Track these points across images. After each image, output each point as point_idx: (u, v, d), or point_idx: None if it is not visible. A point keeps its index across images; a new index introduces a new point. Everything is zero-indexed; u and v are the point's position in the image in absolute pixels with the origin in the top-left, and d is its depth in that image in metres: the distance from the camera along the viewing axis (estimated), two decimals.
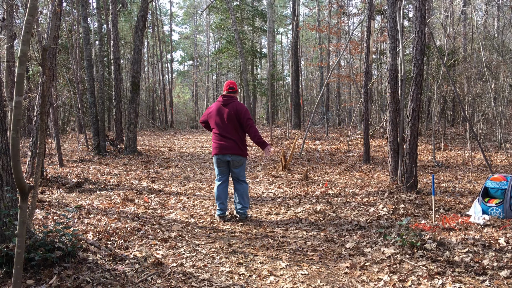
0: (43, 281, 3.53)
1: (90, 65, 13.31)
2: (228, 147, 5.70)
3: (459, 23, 18.47)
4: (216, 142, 5.80)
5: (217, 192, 5.90)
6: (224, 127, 5.74)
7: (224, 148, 5.71)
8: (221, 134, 5.74)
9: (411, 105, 6.57)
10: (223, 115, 5.75)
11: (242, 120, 5.73)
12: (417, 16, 6.37)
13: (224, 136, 5.72)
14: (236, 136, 5.73)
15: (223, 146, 5.71)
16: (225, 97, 5.86)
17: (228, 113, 5.73)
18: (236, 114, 5.73)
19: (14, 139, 2.76)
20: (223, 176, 5.93)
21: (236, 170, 5.84)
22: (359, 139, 14.84)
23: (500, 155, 11.25)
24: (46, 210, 5.94)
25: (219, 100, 5.87)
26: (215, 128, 5.81)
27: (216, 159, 5.84)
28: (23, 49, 2.82)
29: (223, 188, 5.92)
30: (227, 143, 5.70)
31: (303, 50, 33.77)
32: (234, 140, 5.72)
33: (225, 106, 5.78)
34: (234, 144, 5.71)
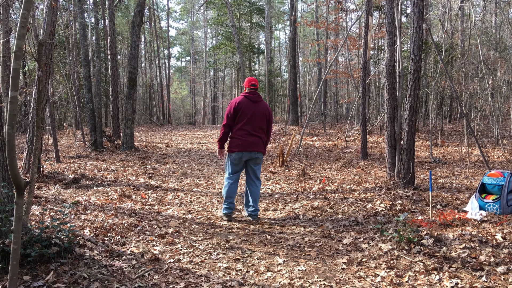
0: (39, 277, 3.51)
1: (87, 61, 13.26)
2: (256, 143, 5.58)
3: (457, 19, 18.46)
4: (242, 138, 5.55)
5: (228, 192, 5.67)
6: (255, 124, 5.59)
7: (252, 145, 5.55)
8: (250, 130, 5.57)
9: (409, 101, 6.57)
10: (256, 112, 5.59)
11: (270, 120, 5.76)
12: (415, 12, 6.36)
13: (253, 133, 5.57)
14: (262, 134, 5.69)
15: (251, 143, 5.56)
16: (254, 94, 5.66)
17: (261, 111, 5.62)
18: (267, 113, 5.71)
19: (9, 135, 2.75)
20: (237, 175, 5.75)
21: (256, 167, 5.72)
22: (357, 135, 14.85)
23: (497, 151, 11.28)
24: (43, 206, 5.92)
25: (248, 96, 5.62)
26: (244, 124, 5.57)
27: (237, 157, 5.60)
28: (19, 44, 2.80)
29: (235, 186, 5.74)
30: (255, 140, 5.58)
31: (301, 46, 33.72)
32: (260, 137, 5.66)
33: (256, 103, 5.62)
34: (260, 142, 5.65)
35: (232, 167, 5.68)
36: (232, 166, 5.68)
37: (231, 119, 5.62)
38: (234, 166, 5.67)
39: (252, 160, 5.66)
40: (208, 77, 43.00)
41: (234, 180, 5.72)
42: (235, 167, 5.68)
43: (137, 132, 18.95)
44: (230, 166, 5.69)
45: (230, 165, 5.70)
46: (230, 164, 5.69)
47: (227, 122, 5.64)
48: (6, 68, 7.48)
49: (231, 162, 5.67)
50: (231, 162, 5.68)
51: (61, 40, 18.15)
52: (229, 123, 5.64)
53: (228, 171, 5.74)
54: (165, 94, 30.69)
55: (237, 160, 5.61)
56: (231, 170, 5.70)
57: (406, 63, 12.10)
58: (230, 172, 5.71)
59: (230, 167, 5.70)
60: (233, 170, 5.69)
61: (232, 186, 5.70)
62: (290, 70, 19.66)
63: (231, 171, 5.71)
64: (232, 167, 5.69)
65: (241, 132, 5.57)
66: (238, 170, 5.72)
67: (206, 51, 39.28)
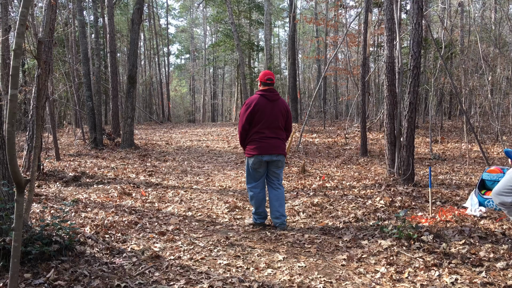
0: (40, 274, 3.52)
1: (86, 59, 13.25)
2: (278, 146, 5.11)
3: (456, 16, 18.44)
4: (262, 141, 5.05)
5: (257, 202, 5.20)
6: (275, 125, 5.11)
7: (274, 147, 5.07)
8: (269, 132, 5.08)
9: (408, 98, 6.58)
10: (275, 112, 5.09)
11: (289, 118, 5.29)
12: (414, 9, 6.36)
13: (273, 134, 5.11)
14: (282, 134, 5.23)
15: (273, 145, 5.07)
16: (271, 92, 5.14)
17: (279, 110, 5.13)
18: (286, 112, 5.22)
19: (9, 133, 2.75)
20: (262, 182, 5.25)
21: (278, 171, 5.23)
22: (357, 132, 14.85)
23: (496, 147, 11.29)
24: (43, 204, 5.93)
25: (265, 95, 5.10)
26: (263, 125, 5.07)
27: (258, 161, 5.08)
28: (18, 42, 2.80)
29: (263, 194, 5.26)
30: (276, 142, 5.11)
31: (300, 43, 33.68)
32: (281, 139, 5.20)
33: (274, 102, 5.11)
34: (281, 143, 5.19)
35: (254, 173, 5.16)
36: (254, 173, 5.16)
37: (247, 122, 5.09)
38: (255, 171, 5.15)
39: (273, 164, 5.16)
40: (208, 74, 42.97)
41: (260, 188, 5.22)
42: (257, 173, 5.16)
43: (137, 130, 18.95)
44: (252, 173, 5.16)
45: (251, 171, 5.16)
46: (251, 170, 5.16)
47: (243, 125, 5.12)
48: (6, 66, 7.47)
49: (252, 168, 5.14)
50: (252, 168, 5.14)
51: (60, 38, 18.13)
52: (245, 126, 5.12)
53: (251, 179, 5.20)
54: (164, 92, 30.68)
55: (257, 164, 5.09)
56: (253, 176, 5.18)
57: (406, 60, 12.09)
58: (253, 179, 5.19)
59: (252, 174, 5.17)
60: (256, 176, 5.18)
61: (260, 195, 5.20)
62: (290, 68, 19.65)
63: (254, 178, 5.19)
64: (254, 174, 5.16)
65: (260, 134, 5.08)
66: (261, 175, 5.21)
67: (206, 48, 39.25)
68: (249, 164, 5.13)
